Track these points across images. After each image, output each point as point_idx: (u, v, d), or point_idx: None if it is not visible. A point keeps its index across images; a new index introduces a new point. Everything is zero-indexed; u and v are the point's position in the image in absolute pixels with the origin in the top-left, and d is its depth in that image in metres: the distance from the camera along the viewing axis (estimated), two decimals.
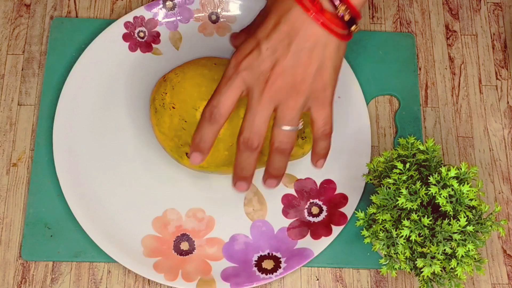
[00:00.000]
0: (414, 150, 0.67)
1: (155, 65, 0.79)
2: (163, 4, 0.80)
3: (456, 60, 0.83)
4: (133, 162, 0.75)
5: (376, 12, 0.84)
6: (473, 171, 0.64)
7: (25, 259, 0.71)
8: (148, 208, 0.73)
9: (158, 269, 0.70)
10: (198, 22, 0.81)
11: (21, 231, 0.72)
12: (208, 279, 0.70)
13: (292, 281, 0.72)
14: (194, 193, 0.74)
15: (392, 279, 0.73)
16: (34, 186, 0.73)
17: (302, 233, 0.73)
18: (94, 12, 0.82)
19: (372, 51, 0.82)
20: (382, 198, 0.65)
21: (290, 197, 0.75)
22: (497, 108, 0.81)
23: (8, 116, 0.77)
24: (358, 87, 0.79)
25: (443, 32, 0.84)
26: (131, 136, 0.76)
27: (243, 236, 0.73)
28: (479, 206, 0.64)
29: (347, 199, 0.74)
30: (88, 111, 0.76)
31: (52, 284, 0.71)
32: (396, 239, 0.63)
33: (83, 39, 0.79)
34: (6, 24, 0.80)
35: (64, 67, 0.78)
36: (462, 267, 0.62)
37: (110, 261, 0.71)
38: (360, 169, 0.75)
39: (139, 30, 0.80)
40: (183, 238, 0.72)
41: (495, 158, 0.79)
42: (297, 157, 0.72)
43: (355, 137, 0.77)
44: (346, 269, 0.73)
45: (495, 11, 0.85)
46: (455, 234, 0.61)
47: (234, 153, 0.66)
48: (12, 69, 0.79)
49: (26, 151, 0.75)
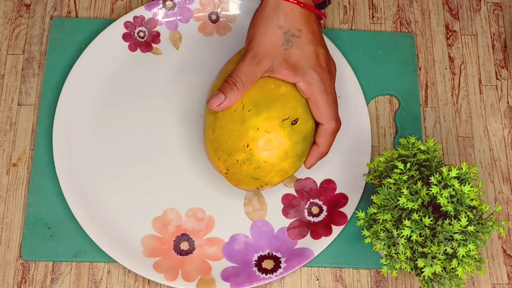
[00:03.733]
0: (415, 150, 0.67)
1: (155, 65, 0.79)
2: (163, 4, 0.80)
3: (456, 60, 0.83)
4: (133, 162, 0.75)
5: (376, 12, 0.84)
6: (474, 171, 0.64)
7: (25, 259, 0.71)
8: (148, 208, 0.73)
9: (158, 269, 0.70)
10: (198, 22, 0.81)
11: (21, 231, 0.72)
12: (208, 279, 0.70)
13: (292, 281, 0.72)
14: (194, 193, 0.74)
15: (392, 279, 0.73)
16: (34, 186, 0.73)
17: (302, 233, 0.73)
18: (94, 12, 0.82)
19: (372, 51, 0.82)
20: (383, 198, 0.65)
21: (290, 197, 0.75)
22: (497, 108, 0.81)
23: (8, 116, 0.77)
24: (358, 87, 0.79)
25: (443, 32, 0.84)
26: (131, 136, 0.76)
27: (243, 236, 0.73)
28: (480, 206, 0.64)
29: (347, 199, 0.74)
30: (88, 111, 0.76)
31: (52, 284, 0.71)
32: (397, 239, 0.63)
33: (83, 39, 0.79)
34: (6, 24, 0.80)
35: (64, 67, 0.78)
36: (463, 267, 0.62)
37: (110, 261, 0.71)
38: (360, 169, 0.75)
39: (139, 30, 0.80)
40: (183, 238, 0.72)
41: (495, 158, 0.79)
42: None
43: (355, 137, 0.77)
44: (346, 269, 0.73)
45: (495, 11, 0.85)
46: (456, 234, 0.61)
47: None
48: (12, 69, 0.78)
49: (26, 151, 0.75)
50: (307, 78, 0.66)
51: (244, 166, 0.66)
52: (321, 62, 0.67)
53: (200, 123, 0.77)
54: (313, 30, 0.67)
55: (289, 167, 0.67)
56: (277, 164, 0.66)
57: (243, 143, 0.65)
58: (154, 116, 0.77)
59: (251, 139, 0.65)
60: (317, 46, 0.67)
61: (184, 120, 0.77)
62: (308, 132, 0.68)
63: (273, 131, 0.65)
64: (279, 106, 0.66)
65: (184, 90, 0.78)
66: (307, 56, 0.67)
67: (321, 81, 0.66)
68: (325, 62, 0.68)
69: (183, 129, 0.77)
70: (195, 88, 0.78)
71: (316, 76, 0.66)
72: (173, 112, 0.77)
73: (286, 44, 0.66)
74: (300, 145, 0.67)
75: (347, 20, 0.84)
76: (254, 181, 0.67)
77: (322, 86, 0.67)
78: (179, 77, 0.79)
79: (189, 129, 0.77)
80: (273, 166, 0.66)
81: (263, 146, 0.65)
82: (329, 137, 0.69)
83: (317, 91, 0.66)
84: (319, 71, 0.67)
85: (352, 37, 0.82)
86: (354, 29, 0.83)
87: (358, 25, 0.83)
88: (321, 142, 0.69)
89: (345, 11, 0.84)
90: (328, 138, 0.69)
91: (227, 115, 0.66)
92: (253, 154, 0.65)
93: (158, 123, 0.77)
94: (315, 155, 0.69)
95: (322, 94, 0.67)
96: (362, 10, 0.84)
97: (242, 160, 0.66)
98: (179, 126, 0.77)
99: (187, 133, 0.76)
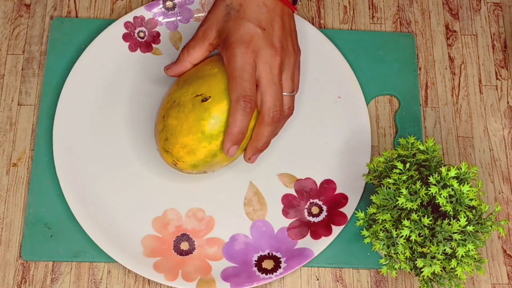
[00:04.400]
0: (414, 150, 0.67)
1: (155, 65, 0.79)
2: (163, 4, 0.80)
3: (456, 60, 0.83)
4: (133, 162, 0.75)
5: (376, 12, 0.84)
6: (473, 171, 0.64)
7: (25, 259, 0.71)
8: (148, 208, 0.73)
9: (158, 269, 0.70)
10: (198, 22, 0.81)
11: (21, 231, 0.72)
12: (208, 279, 0.70)
13: (292, 281, 0.72)
14: (194, 193, 0.74)
15: (392, 279, 0.73)
16: (34, 186, 0.73)
17: (302, 233, 0.73)
18: (94, 12, 0.82)
19: (372, 51, 0.82)
20: (382, 198, 0.65)
21: (290, 197, 0.75)
22: (497, 108, 0.81)
23: (8, 116, 0.77)
24: (358, 87, 0.79)
25: (443, 32, 0.84)
26: (131, 136, 0.76)
27: (243, 236, 0.73)
28: (479, 206, 0.64)
29: (347, 199, 0.74)
30: (88, 111, 0.76)
31: (52, 284, 0.71)
32: (396, 239, 0.63)
33: (83, 39, 0.79)
34: (6, 24, 0.80)
35: (64, 67, 0.78)
36: (462, 267, 0.62)
37: (110, 261, 0.71)
38: (360, 169, 0.75)
39: (139, 30, 0.80)
40: (183, 238, 0.72)
41: (495, 158, 0.79)
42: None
43: (355, 137, 0.77)
44: (346, 269, 0.73)
45: (495, 11, 0.85)
46: (455, 234, 0.61)
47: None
48: (12, 69, 0.79)
49: (26, 151, 0.75)
50: (228, 52, 0.66)
51: (160, 136, 0.68)
52: (249, 39, 0.65)
53: None
54: (258, 8, 0.66)
55: (193, 145, 0.67)
56: (181, 137, 0.67)
57: (162, 114, 0.69)
58: (154, 116, 0.77)
59: (167, 110, 0.68)
60: (252, 23, 0.65)
61: None
62: (221, 112, 0.66)
63: (182, 105, 0.67)
64: (199, 84, 0.67)
65: None
66: (236, 31, 0.65)
67: (239, 57, 0.65)
68: (257, 43, 0.65)
69: None
70: None
71: (236, 52, 0.65)
72: None
73: (226, 16, 0.67)
74: (206, 123, 0.66)
75: (347, 20, 0.84)
76: (167, 154, 0.68)
77: (239, 62, 0.65)
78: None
79: None
80: (176, 139, 0.67)
81: (172, 119, 0.67)
82: (260, 127, 0.67)
83: (231, 67, 0.65)
84: (242, 47, 0.65)
85: (352, 37, 0.82)
86: (354, 29, 0.83)
87: (358, 25, 0.83)
88: (254, 132, 0.68)
89: (345, 11, 0.84)
90: (259, 128, 0.67)
91: (168, 92, 0.70)
92: (165, 125, 0.68)
93: None
94: (249, 146, 0.68)
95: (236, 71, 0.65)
96: (362, 10, 0.84)
97: (159, 130, 0.68)
98: None
99: None
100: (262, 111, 0.66)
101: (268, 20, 0.66)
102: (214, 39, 0.68)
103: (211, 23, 0.68)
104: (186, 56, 0.69)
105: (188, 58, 0.69)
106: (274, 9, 0.67)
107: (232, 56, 0.65)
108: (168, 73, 0.71)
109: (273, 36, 0.66)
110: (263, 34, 0.65)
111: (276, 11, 0.67)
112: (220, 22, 0.67)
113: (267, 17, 0.66)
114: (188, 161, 0.68)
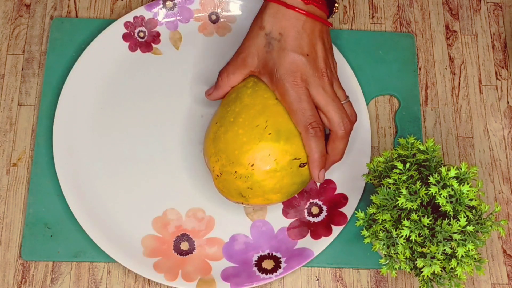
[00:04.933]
0: (414, 150, 0.67)
1: (155, 65, 0.79)
2: (163, 4, 0.80)
3: (456, 60, 0.83)
4: (133, 162, 0.75)
5: (376, 12, 0.84)
6: (473, 171, 0.64)
7: (25, 259, 0.71)
8: (148, 208, 0.73)
9: (158, 269, 0.70)
10: (198, 22, 0.81)
11: (21, 231, 0.72)
12: (208, 279, 0.70)
13: (292, 281, 0.72)
14: (194, 193, 0.74)
15: (392, 279, 0.73)
16: (34, 186, 0.73)
17: (302, 233, 0.73)
18: (94, 12, 0.82)
19: (372, 51, 0.82)
20: (382, 198, 0.65)
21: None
22: (497, 108, 0.81)
23: (8, 116, 0.77)
24: (358, 87, 0.79)
25: (443, 32, 0.84)
26: (131, 136, 0.76)
27: (243, 236, 0.73)
28: (479, 206, 0.64)
29: (347, 199, 0.74)
30: (88, 111, 0.76)
31: (52, 284, 0.71)
32: (396, 239, 0.63)
33: (83, 39, 0.79)
34: (6, 24, 0.80)
35: (64, 67, 0.78)
36: (462, 267, 0.62)
37: (110, 261, 0.71)
38: (360, 169, 0.75)
39: (139, 30, 0.80)
40: (183, 238, 0.72)
41: (495, 158, 0.79)
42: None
43: (355, 137, 0.77)
44: (346, 269, 0.73)
45: (495, 11, 0.85)
46: (455, 234, 0.61)
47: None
48: (12, 69, 0.79)
49: (26, 151, 0.75)
50: (279, 87, 0.66)
51: (238, 181, 0.66)
52: (295, 69, 0.66)
53: (200, 123, 0.77)
54: (298, 35, 0.66)
55: (275, 200, 0.68)
56: (268, 193, 0.66)
57: (249, 160, 0.65)
58: (154, 116, 0.77)
59: (258, 161, 0.65)
60: (295, 53, 0.66)
61: (184, 120, 0.77)
62: (309, 178, 0.69)
63: (281, 164, 0.65)
64: (296, 143, 0.66)
65: (184, 90, 0.78)
66: (282, 64, 0.66)
67: (291, 90, 0.66)
68: (304, 71, 0.66)
69: (184, 129, 0.77)
70: (195, 88, 0.78)
71: (286, 86, 0.65)
72: (173, 112, 0.77)
73: (267, 47, 0.66)
74: (295, 187, 0.68)
75: (347, 20, 0.84)
76: (240, 196, 0.67)
77: (293, 95, 0.65)
78: (179, 77, 0.79)
79: (189, 129, 0.77)
80: (264, 193, 0.66)
81: (265, 173, 0.65)
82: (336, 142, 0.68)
83: (287, 102, 0.66)
84: (290, 80, 0.65)
85: (352, 37, 0.82)
86: (354, 29, 0.83)
87: (358, 25, 0.83)
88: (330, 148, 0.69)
89: (345, 11, 0.84)
90: (335, 143, 0.68)
91: (248, 126, 0.66)
92: (253, 175, 0.65)
93: (158, 123, 0.77)
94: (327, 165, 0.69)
95: (293, 105, 0.66)
96: (362, 10, 0.84)
97: (240, 175, 0.66)
98: (179, 126, 0.77)
99: (188, 133, 0.76)
100: (333, 128, 0.67)
101: (309, 45, 0.67)
102: (255, 67, 0.68)
103: (251, 51, 0.68)
104: (226, 81, 0.70)
105: (228, 82, 0.70)
106: (313, 31, 0.67)
107: (284, 91, 0.66)
108: (210, 98, 0.72)
109: (317, 59, 0.67)
110: (307, 60, 0.66)
111: (315, 33, 0.67)
112: (262, 52, 0.67)
113: (307, 42, 0.67)
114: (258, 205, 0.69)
